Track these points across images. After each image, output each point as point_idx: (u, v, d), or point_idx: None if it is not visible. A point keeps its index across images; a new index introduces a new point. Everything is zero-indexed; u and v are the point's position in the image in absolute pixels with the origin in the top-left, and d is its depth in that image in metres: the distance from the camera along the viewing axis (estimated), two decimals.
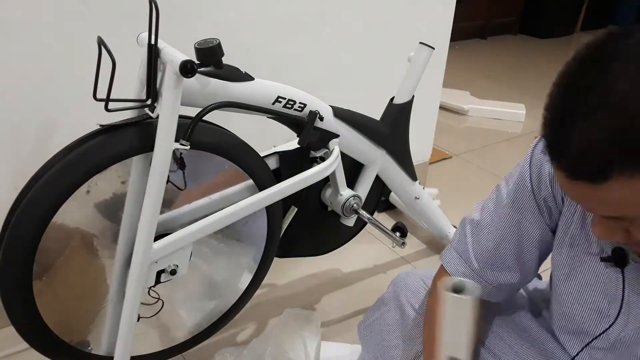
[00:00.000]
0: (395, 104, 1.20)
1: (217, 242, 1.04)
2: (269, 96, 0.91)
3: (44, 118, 1.11)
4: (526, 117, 2.64)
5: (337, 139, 1.06)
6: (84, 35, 1.08)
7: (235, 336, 1.27)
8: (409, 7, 1.52)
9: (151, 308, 0.99)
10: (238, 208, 0.91)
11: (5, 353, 1.18)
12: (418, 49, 1.17)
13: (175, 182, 0.88)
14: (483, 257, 0.79)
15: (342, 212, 1.14)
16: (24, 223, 0.79)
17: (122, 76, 0.83)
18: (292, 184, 0.96)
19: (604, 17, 4.61)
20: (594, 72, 0.48)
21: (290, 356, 1.14)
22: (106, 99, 0.77)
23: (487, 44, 4.11)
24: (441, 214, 1.45)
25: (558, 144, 0.51)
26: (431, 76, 1.69)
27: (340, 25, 1.42)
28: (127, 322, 0.87)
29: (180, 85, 0.77)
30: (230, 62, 0.88)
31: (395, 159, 1.22)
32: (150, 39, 0.77)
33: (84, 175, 0.80)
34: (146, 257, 0.84)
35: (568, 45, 4.21)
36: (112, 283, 0.93)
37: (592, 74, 0.48)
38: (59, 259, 0.86)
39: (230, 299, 1.10)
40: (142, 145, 0.83)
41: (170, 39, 0.82)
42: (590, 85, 0.48)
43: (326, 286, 1.44)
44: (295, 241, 1.20)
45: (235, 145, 0.95)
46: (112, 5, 1.09)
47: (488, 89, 3.06)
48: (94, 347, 0.96)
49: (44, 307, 0.85)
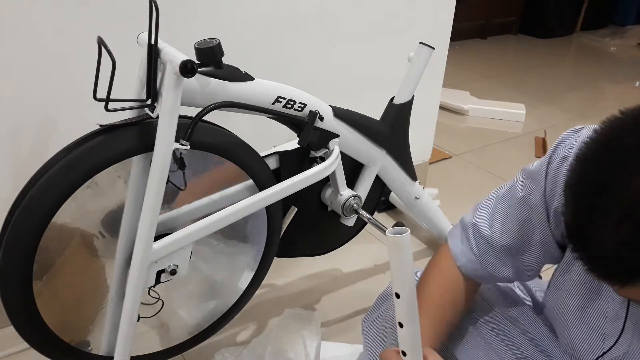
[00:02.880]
0: (395, 104, 1.20)
1: (217, 242, 1.04)
2: (269, 96, 0.91)
3: (43, 118, 1.11)
4: (526, 117, 2.64)
5: (337, 139, 1.06)
6: (84, 35, 1.08)
7: (235, 336, 1.27)
8: (409, 7, 1.52)
9: (151, 308, 0.99)
10: (238, 208, 0.91)
11: (5, 353, 1.18)
12: (418, 49, 1.17)
13: (175, 182, 0.88)
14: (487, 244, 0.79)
15: (342, 212, 1.14)
16: (24, 223, 0.79)
17: (122, 76, 0.83)
18: (292, 184, 0.96)
19: (604, 17, 4.60)
20: (623, 174, 0.47)
21: (290, 356, 1.14)
22: (106, 99, 0.77)
23: (487, 44, 4.11)
24: (441, 214, 1.45)
25: (580, 240, 0.51)
26: (431, 76, 1.69)
27: (340, 25, 1.42)
28: (127, 322, 0.87)
29: (180, 85, 0.77)
30: (230, 62, 0.88)
31: (395, 158, 1.22)
32: (150, 39, 0.77)
33: (84, 175, 0.80)
34: (146, 257, 0.84)
35: (568, 45, 4.21)
36: (112, 283, 0.92)
37: (620, 175, 0.47)
38: (59, 259, 0.86)
39: (230, 299, 1.10)
40: (142, 145, 0.83)
41: (170, 39, 0.82)
42: (619, 191, 0.47)
43: (326, 286, 1.44)
44: (295, 241, 1.20)
45: (235, 145, 0.95)
46: (112, 5, 1.09)
47: (488, 89, 3.06)
48: (94, 347, 0.96)
49: (44, 307, 0.85)
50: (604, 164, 0.49)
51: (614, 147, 0.49)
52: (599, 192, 0.48)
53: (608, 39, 4.26)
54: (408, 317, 0.62)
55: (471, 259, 0.81)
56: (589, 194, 0.49)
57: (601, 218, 0.47)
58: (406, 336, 0.64)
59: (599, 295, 0.69)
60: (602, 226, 0.47)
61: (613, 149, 0.49)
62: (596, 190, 0.49)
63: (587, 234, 0.49)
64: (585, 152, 0.51)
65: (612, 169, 0.48)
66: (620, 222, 0.46)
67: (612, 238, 0.47)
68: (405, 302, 0.61)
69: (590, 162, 0.50)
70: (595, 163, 0.50)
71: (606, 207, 0.47)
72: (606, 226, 0.47)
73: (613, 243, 0.47)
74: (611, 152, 0.49)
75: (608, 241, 0.47)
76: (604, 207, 0.47)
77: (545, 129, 2.50)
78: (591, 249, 0.49)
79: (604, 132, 0.51)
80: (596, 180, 0.49)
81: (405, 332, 0.63)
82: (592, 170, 0.50)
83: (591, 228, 0.49)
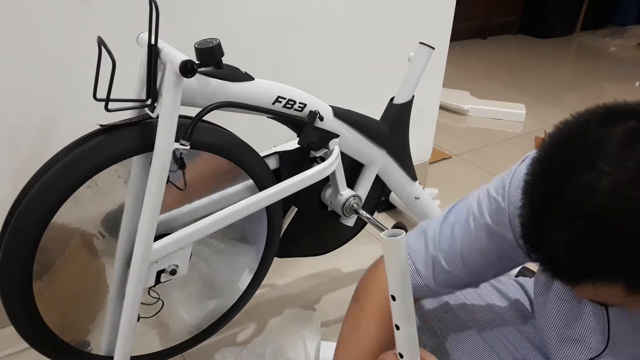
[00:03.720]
0: (395, 104, 1.20)
1: (217, 242, 1.04)
2: (269, 96, 0.91)
3: (43, 118, 1.11)
4: (526, 117, 2.64)
5: (337, 138, 1.06)
6: (84, 35, 1.08)
7: (235, 336, 1.27)
8: (409, 6, 1.52)
9: (151, 308, 0.99)
10: (238, 208, 0.91)
11: (5, 353, 1.18)
12: (418, 49, 1.17)
13: (175, 182, 0.88)
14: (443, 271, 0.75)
15: (342, 212, 1.14)
16: (24, 223, 0.79)
17: (122, 76, 0.83)
18: (292, 184, 0.96)
19: (604, 17, 4.60)
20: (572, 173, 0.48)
21: (290, 356, 1.14)
22: (106, 99, 0.77)
23: (487, 44, 4.11)
24: (441, 214, 1.44)
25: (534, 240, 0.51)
26: (431, 76, 1.69)
27: (340, 25, 1.42)
28: (127, 322, 0.87)
29: (180, 85, 0.77)
30: (230, 62, 0.88)
31: (395, 158, 1.22)
32: (150, 39, 0.77)
33: (84, 175, 0.80)
34: (146, 257, 0.84)
35: (568, 45, 4.21)
36: (112, 283, 0.93)
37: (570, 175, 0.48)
38: (59, 259, 0.86)
39: (230, 298, 1.10)
40: (142, 145, 0.83)
41: (170, 39, 0.82)
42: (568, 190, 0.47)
43: (326, 286, 1.44)
44: (295, 241, 1.20)
45: (235, 145, 0.95)
46: (113, 5, 1.09)
47: (488, 89, 3.06)
48: (94, 347, 0.96)
49: (44, 307, 0.85)
50: (553, 164, 0.50)
51: (563, 148, 0.50)
52: (550, 191, 0.49)
53: (608, 39, 4.27)
54: (404, 319, 0.62)
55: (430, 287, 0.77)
56: (541, 194, 0.51)
57: (553, 217, 0.48)
58: (403, 338, 0.64)
59: (581, 312, 0.70)
60: (554, 225, 0.48)
61: (563, 149, 0.50)
62: (547, 189, 0.50)
63: (540, 233, 0.50)
64: (539, 154, 0.52)
65: (561, 168, 0.49)
66: (571, 220, 0.47)
67: (563, 236, 0.47)
68: (401, 304, 0.62)
69: (541, 163, 0.52)
70: (546, 164, 0.51)
71: (557, 205, 0.48)
72: (557, 225, 0.48)
73: (564, 241, 0.47)
74: (561, 152, 0.50)
75: (559, 239, 0.48)
76: (554, 206, 0.48)
77: (545, 129, 2.50)
78: (544, 248, 0.50)
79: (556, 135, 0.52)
80: (547, 180, 0.50)
81: (402, 333, 0.63)
82: (543, 171, 0.51)
83: (544, 227, 0.49)
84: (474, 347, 0.85)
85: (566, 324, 0.72)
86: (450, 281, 0.76)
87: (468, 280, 0.76)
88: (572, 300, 0.71)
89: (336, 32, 1.43)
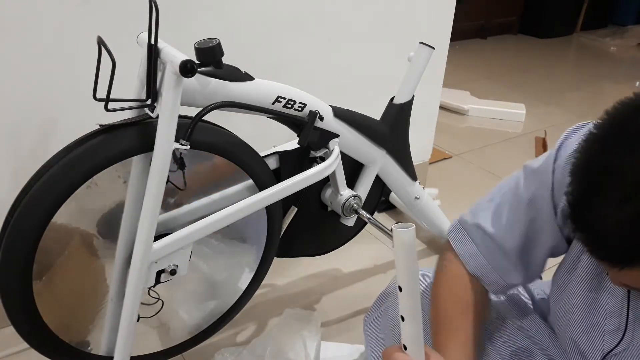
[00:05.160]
0: (395, 104, 1.20)
1: (217, 242, 1.04)
2: (269, 96, 0.91)
3: (43, 118, 1.11)
4: (526, 117, 2.64)
5: (337, 138, 1.06)
6: (84, 35, 1.08)
7: (235, 336, 1.27)
8: (409, 6, 1.52)
9: (151, 308, 0.99)
10: (238, 208, 0.91)
11: (5, 353, 1.18)
12: (418, 49, 1.17)
13: (175, 182, 0.88)
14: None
15: (342, 212, 1.14)
16: (24, 223, 0.79)
17: (122, 76, 0.83)
18: (292, 184, 0.96)
19: (604, 17, 4.61)
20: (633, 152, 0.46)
21: (290, 356, 1.14)
22: (106, 98, 0.77)
23: (487, 44, 4.11)
24: (441, 214, 1.44)
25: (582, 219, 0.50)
26: (431, 76, 1.69)
27: (340, 25, 1.42)
28: (127, 322, 0.87)
29: (180, 85, 0.77)
30: (230, 62, 0.88)
31: (395, 158, 1.22)
32: (150, 39, 0.77)
33: (83, 175, 0.80)
34: (146, 257, 0.84)
35: (568, 45, 4.21)
36: (112, 283, 0.92)
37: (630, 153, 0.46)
38: (59, 259, 0.86)
39: (230, 299, 1.10)
40: (142, 145, 0.83)
41: (170, 39, 0.82)
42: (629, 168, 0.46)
43: (326, 286, 1.44)
44: (295, 241, 1.20)
45: (235, 145, 0.95)
46: (113, 5, 1.09)
47: (488, 89, 3.06)
48: (94, 347, 0.95)
49: (44, 307, 0.85)
50: (611, 143, 0.49)
51: (622, 128, 0.48)
52: (604, 170, 0.48)
53: (608, 39, 4.27)
54: (410, 311, 0.63)
55: (482, 263, 0.79)
56: (594, 172, 0.49)
57: (604, 196, 0.47)
58: (408, 329, 0.64)
59: (600, 293, 0.69)
60: (605, 204, 0.47)
61: (621, 129, 0.48)
62: (601, 168, 0.48)
63: (589, 212, 0.49)
64: (594, 132, 0.51)
65: (619, 148, 0.47)
66: (624, 201, 0.46)
67: (614, 217, 0.46)
68: (408, 296, 0.62)
69: (597, 141, 0.50)
70: (603, 142, 0.49)
71: (610, 185, 0.47)
72: (609, 204, 0.46)
73: (615, 222, 0.46)
74: (619, 132, 0.48)
75: (610, 220, 0.46)
76: (608, 185, 0.47)
77: (545, 129, 2.50)
78: (593, 228, 0.49)
79: (614, 114, 0.50)
80: (602, 159, 0.49)
81: (407, 325, 0.64)
82: (598, 149, 0.49)
83: (594, 206, 0.48)
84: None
85: (586, 303, 0.71)
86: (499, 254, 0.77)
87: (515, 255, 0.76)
88: (594, 279, 0.69)
89: (336, 32, 1.43)
